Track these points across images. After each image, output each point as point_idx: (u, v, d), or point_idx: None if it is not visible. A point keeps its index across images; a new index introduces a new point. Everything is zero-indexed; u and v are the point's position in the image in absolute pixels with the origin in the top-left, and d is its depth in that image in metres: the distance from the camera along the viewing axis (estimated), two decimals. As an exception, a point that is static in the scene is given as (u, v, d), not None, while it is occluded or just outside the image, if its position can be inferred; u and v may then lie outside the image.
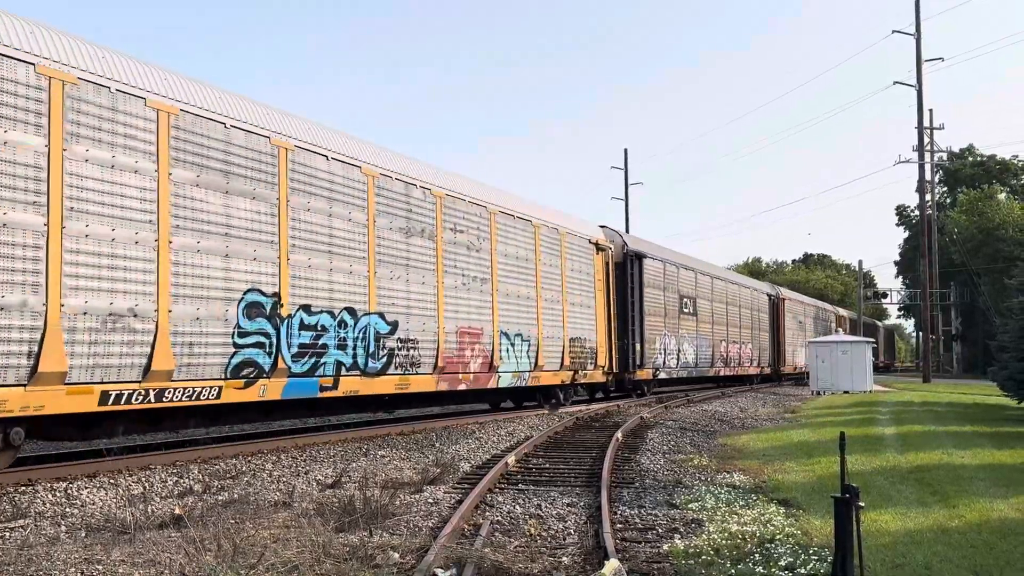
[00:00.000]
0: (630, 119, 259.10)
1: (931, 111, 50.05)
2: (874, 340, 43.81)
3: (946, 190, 74.29)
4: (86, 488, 9.17)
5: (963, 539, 7.11)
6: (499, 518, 8.11)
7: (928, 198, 48.78)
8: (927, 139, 47.69)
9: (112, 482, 9.58)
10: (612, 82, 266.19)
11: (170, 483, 9.72)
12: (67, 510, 8.25)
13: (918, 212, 47.97)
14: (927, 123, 47.57)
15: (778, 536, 7.20)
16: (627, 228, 57.11)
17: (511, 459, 11.26)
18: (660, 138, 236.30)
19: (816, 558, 6.36)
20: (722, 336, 33.97)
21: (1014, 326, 20.14)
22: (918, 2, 42.80)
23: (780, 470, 11.15)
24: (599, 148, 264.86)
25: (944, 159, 60.06)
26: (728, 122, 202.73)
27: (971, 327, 67.69)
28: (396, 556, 6.49)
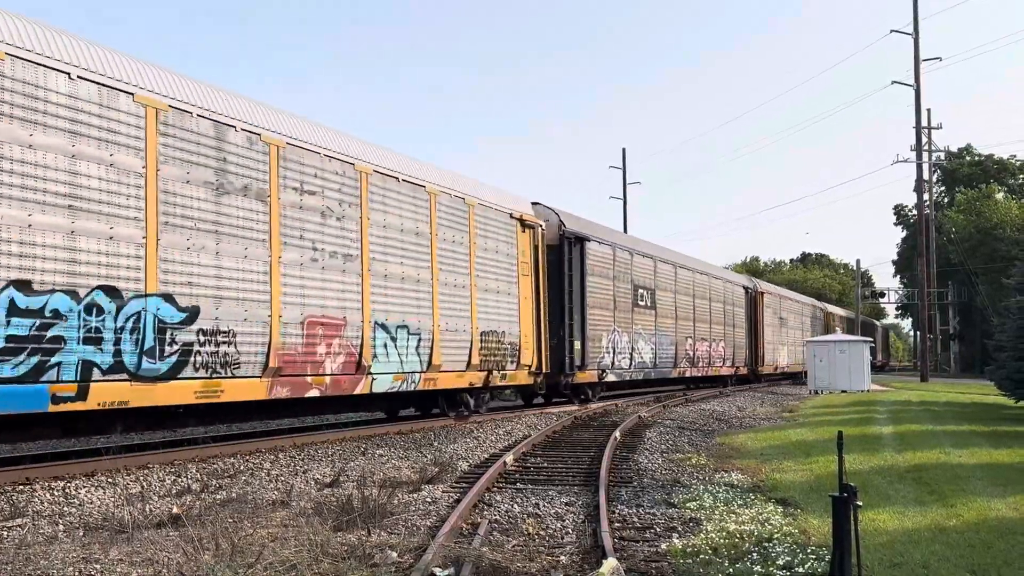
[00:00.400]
0: (630, 119, 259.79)
1: (929, 111, 50.16)
2: (872, 339, 43.49)
3: (944, 189, 74.41)
4: (84, 487, 9.17)
5: (961, 538, 7.12)
6: (497, 517, 8.12)
7: (926, 198, 48.80)
8: (925, 138, 47.72)
9: (110, 481, 9.57)
10: (612, 82, 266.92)
11: (168, 482, 9.72)
12: (65, 509, 8.25)
13: (916, 212, 47.98)
14: (925, 123, 47.62)
15: (776, 535, 7.21)
16: (625, 227, 56.28)
17: (509, 458, 11.27)
18: (660, 138, 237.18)
19: (814, 557, 6.37)
20: (688, 332, 30.40)
21: (1012, 325, 20.18)
22: (916, 2, 42.87)
23: (778, 469, 11.17)
24: (599, 148, 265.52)
25: (942, 159, 60.16)
26: (727, 122, 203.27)
27: (969, 326, 67.78)
28: (394, 555, 6.49)
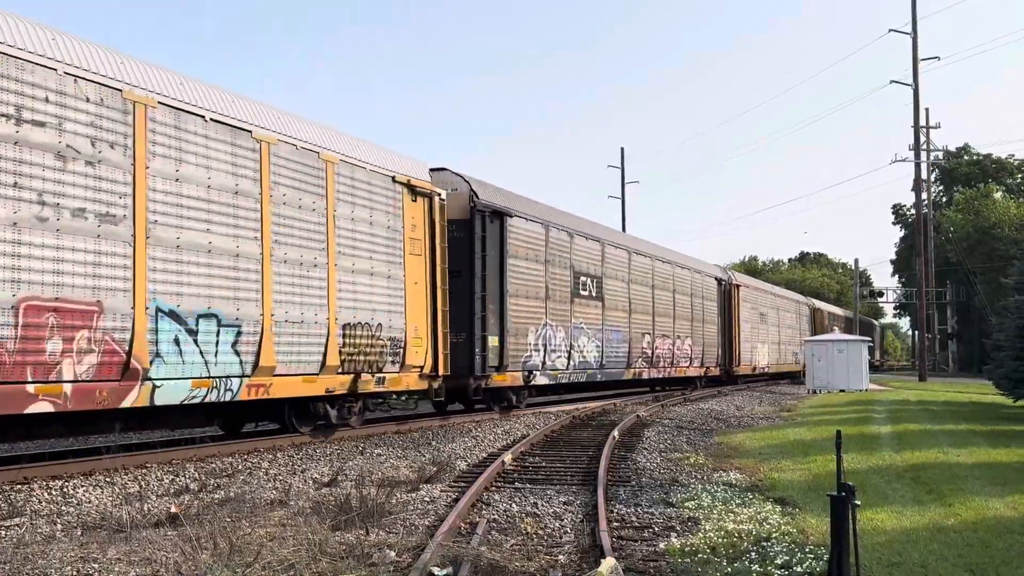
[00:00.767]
0: (630, 119, 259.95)
1: (927, 110, 50.39)
2: (870, 339, 43.40)
3: (942, 189, 74.50)
4: (82, 486, 9.16)
5: (959, 537, 7.12)
6: (496, 516, 8.12)
7: (924, 197, 48.84)
8: (923, 138, 47.80)
9: (108, 480, 9.56)
10: (612, 82, 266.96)
11: (166, 481, 9.71)
12: (63, 508, 8.24)
13: (914, 211, 47.96)
14: (923, 122, 47.69)
15: (774, 534, 7.21)
16: (624, 227, 55.81)
17: (507, 457, 11.27)
18: (659, 138, 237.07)
19: (812, 556, 6.37)
20: (644, 328, 26.46)
21: (1010, 325, 20.20)
22: (914, 1, 42.92)
23: (776, 468, 11.17)
24: (599, 148, 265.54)
25: (940, 158, 60.25)
26: (726, 121, 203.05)
27: (967, 326, 67.85)
28: (392, 554, 6.49)
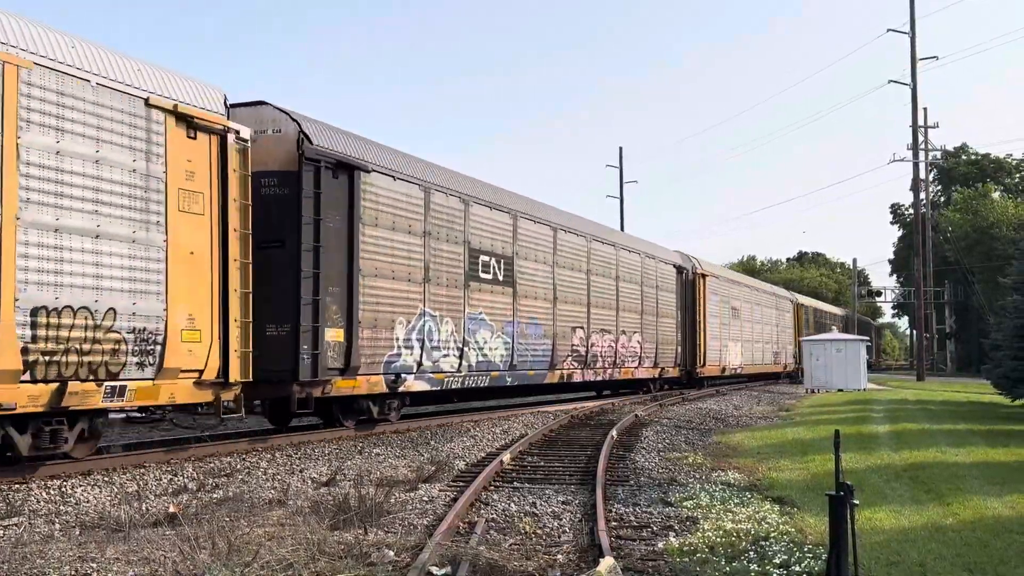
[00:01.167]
0: (629, 119, 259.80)
1: (926, 110, 50.39)
2: (869, 338, 43.37)
3: (940, 188, 74.49)
4: (80, 486, 9.15)
5: (957, 537, 7.13)
6: (494, 516, 8.12)
7: (922, 196, 48.86)
8: (921, 137, 47.78)
9: (107, 480, 9.55)
10: (611, 82, 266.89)
11: (165, 481, 9.70)
12: (61, 508, 8.23)
13: (912, 210, 47.98)
14: (921, 122, 47.65)
15: (773, 534, 7.22)
16: (622, 226, 55.30)
17: (506, 457, 11.27)
18: (658, 137, 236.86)
19: (811, 556, 6.38)
20: (577, 321, 21.90)
21: (1008, 324, 20.23)
22: (912, 1, 42.92)
23: (775, 468, 11.18)
24: (598, 147, 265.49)
25: (938, 157, 60.18)
26: (725, 120, 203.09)
27: (965, 325, 67.86)
28: (391, 554, 6.49)
